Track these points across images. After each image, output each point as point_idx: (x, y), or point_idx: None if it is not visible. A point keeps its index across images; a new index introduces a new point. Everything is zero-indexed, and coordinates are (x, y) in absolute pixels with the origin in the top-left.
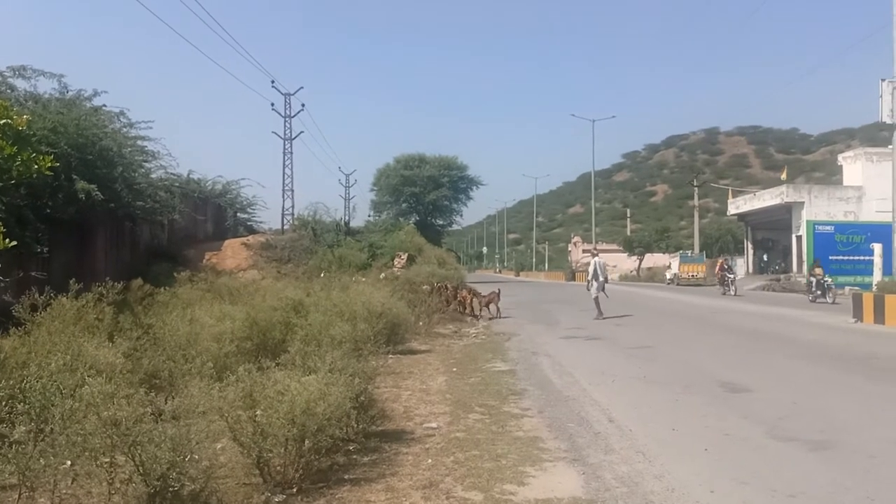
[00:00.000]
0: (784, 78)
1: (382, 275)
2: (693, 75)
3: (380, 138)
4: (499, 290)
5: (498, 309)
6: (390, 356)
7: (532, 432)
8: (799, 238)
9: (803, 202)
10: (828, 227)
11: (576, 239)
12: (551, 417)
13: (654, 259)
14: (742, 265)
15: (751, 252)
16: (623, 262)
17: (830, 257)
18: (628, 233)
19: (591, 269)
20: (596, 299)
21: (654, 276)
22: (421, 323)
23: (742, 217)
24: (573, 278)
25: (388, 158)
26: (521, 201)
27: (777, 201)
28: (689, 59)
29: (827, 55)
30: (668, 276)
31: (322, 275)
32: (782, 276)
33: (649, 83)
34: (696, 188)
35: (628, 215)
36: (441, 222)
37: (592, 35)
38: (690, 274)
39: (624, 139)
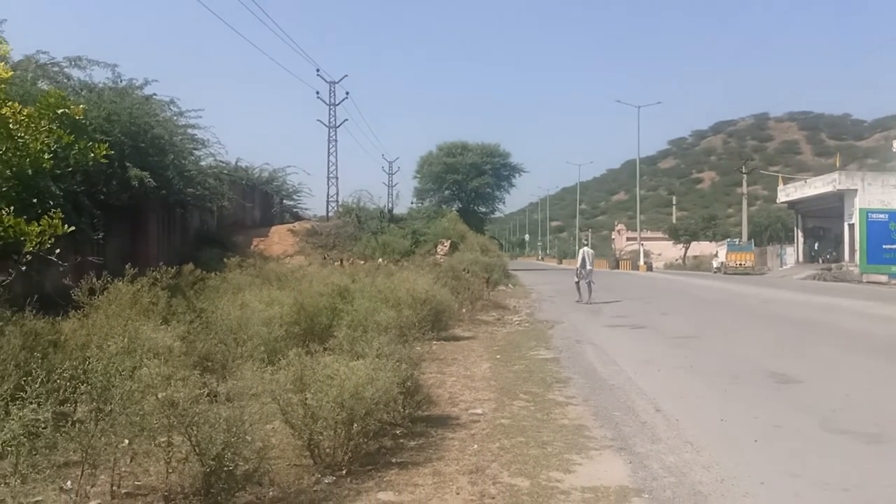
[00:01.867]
0: (837, 62)
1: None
2: (742, 60)
3: (423, 126)
4: None
5: None
6: (434, 342)
7: (577, 420)
8: (851, 226)
9: (856, 189)
10: (881, 216)
11: (619, 226)
12: (597, 406)
13: (700, 247)
14: (792, 254)
15: (801, 241)
16: (668, 251)
17: (884, 246)
18: (674, 220)
19: (579, 257)
20: (578, 284)
21: (700, 264)
22: (464, 310)
23: (792, 205)
24: (617, 266)
25: (432, 146)
26: (565, 188)
27: (829, 188)
28: (739, 42)
29: (882, 37)
30: (715, 264)
31: (380, 260)
32: (833, 266)
33: (697, 68)
34: (744, 175)
35: (674, 203)
36: (483, 209)
37: (638, 20)
38: (738, 262)
39: (670, 125)
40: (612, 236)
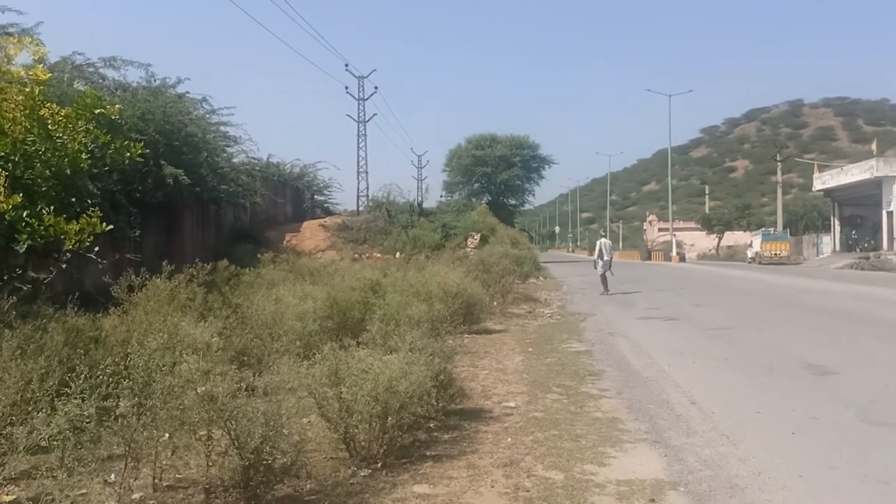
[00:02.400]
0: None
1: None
2: (775, 45)
3: (452, 119)
4: None
5: None
6: (466, 336)
7: (611, 413)
8: (890, 214)
9: (895, 176)
10: None
11: (651, 217)
12: (630, 399)
13: (734, 237)
14: (828, 243)
15: (838, 229)
16: (701, 241)
17: None
18: (706, 210)
19: (597, 249)
20: (602, 276)
21: (734, 254)
22: (495, 303)
23: (828, 193)
24: (649, 257)
25: (460, 139)
26: (595, 179)
27: (866, 175)
28: (771, 27)
29: None
30: (750, 254)
31: (398, 255)
32: (871, 255)
33: (728, 55)
34: (779, 163)
35: (706, 192)
36: (513, 202)
37: (669, 7)
38: (773, 252)
39: (702, 114)
40: (644, 227)
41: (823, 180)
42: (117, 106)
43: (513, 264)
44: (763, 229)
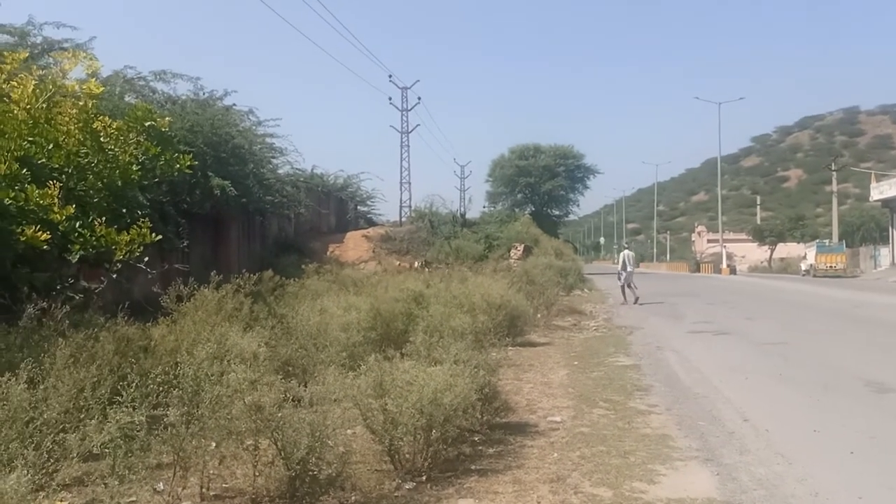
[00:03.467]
0: None
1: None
2: (829, 50)
3: (495, 129)
4: None
5: None
6: (510, 348)
7: (660, 430)
8: None
9: None
10: None
11: (700, 228)
12: (680, 415)
13: (787, 249)
14: (887, 255)
15: None
16: (752, 253)
17: None
18: (758, 221)
19: (620, 260)
20: (622, 287)
21: (787, 267)
22: (539, 315)
23: (886, 203)
24: (698, 269)
25: (503, 149)
26: (641, 189)
27: None
28: (824, 32)
29: None
30: (804, 266)
31: (416, 264)
32: None
33: (780, 61)
34: (834, 172)
35: (758, 202)
36: (557, 212)
37: (719, 13)
38: (828, 265)
39: (753, 122)
40: (692, 238)
41: (881, 190)
42: (167, 118)
43: (557, 276)
44: (818, 241)
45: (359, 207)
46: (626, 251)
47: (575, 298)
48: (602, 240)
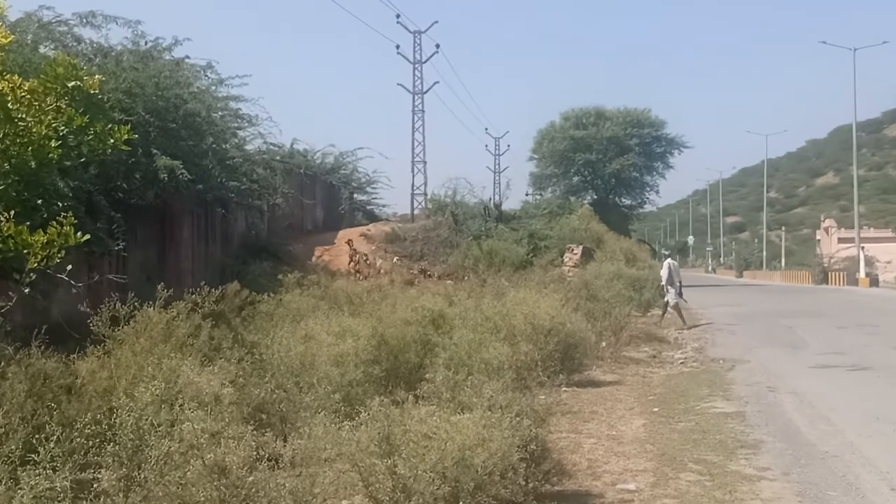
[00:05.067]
0: None
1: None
2: None
3: (540, 90)
4: None
5: None
6: (565, 389)
7: (775, 502)
8: None
9: None
10: None
11: (827, 223)
12: (802, 482)
13: None
14: None
15: None
16: None
17: None
18: None
19: (664, 273)
20: (676, 307)
21: None
22: (605, 343)
23: None
24: (825, 279)
25: (553, 116)
26: (745, 169)
27: None
28: None
29: None
30: None
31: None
32: None
33: None
34: None
35: None
36: (628, 202)
37: None
38: None
39: None
40: (817, 237)
41: None
42: (97, 77)
43: (629, 289)
44: None
45: (355, 196)
46: (670, 260)
47: (654, 320)
48: (691, 239)
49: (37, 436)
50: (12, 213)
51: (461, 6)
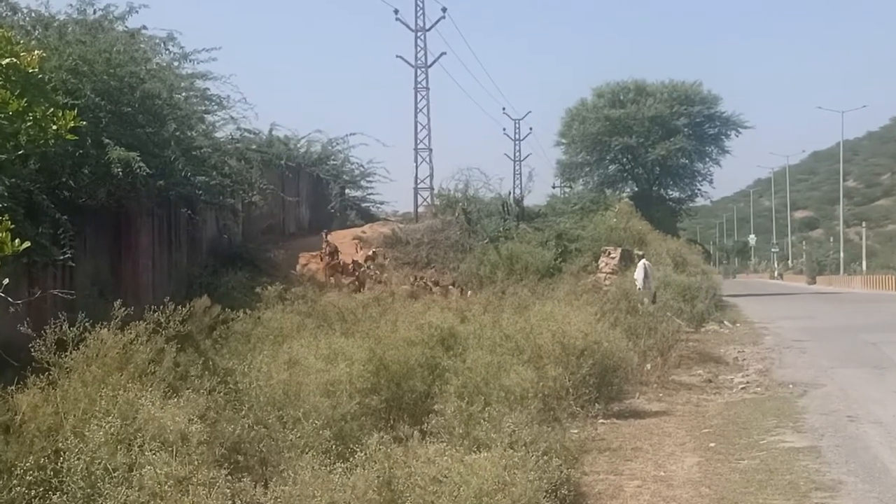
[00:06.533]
0: None
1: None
2: None
3: (570, 62)
4: None
5: None
6: (601, 421)
7: None
8: None
9: None
10: None
11: None
12: None
13: None
14: None
15: None
16: None
17: None
18: None
19: (639, 276)
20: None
21: None
22: (650, 365)
23: None
24: None
25: (583, 92)
26: (816, 153)
27: None
28: None
29: None
30: None
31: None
32: None
33: None
34: None
35: None
36: (675, 195)
37: None
38: None
39: None
40: None
41: None
42: (36, 52)
43: (677, 300)
44: None
45: (348, 192)
46: (646, 261)
47: (709, 337)
48: (752, 238)
49: None
50: None
51: None
